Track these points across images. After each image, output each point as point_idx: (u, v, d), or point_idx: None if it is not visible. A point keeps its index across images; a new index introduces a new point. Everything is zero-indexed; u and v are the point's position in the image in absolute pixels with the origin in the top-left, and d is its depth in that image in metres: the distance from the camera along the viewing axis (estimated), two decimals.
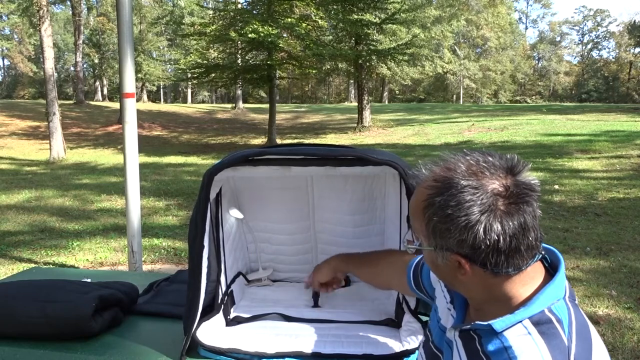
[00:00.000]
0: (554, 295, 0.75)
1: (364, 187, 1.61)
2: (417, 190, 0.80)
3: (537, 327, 0.72)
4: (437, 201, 0.73)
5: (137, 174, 3.41)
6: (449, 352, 0.85)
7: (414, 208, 0.79)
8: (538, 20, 73.25)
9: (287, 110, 30.76)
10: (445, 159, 0.78)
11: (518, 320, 0.73)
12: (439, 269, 0.80)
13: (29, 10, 27.42)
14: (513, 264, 0.73)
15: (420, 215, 0.77)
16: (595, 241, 4.83)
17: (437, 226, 0.73)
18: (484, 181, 0.71)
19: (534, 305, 0.73)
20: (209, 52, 19.84)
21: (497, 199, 0.70)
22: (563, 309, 0.74)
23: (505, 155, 0.75)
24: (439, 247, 0.75)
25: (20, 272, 1.94)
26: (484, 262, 0.73)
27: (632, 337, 2.92)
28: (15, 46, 49.79)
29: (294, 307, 1.49)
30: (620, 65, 55.85)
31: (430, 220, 0.74)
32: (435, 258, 0.78)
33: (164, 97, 54.41)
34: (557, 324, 0.72)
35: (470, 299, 0.84)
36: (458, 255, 0.74)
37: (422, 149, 13.22)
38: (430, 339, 0.95)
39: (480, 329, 0.77)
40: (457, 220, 0.71)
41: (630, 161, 9.12)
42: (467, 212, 0.70)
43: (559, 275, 0.76)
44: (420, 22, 27.70)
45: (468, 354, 0.79)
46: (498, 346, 0.73)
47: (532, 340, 0.71)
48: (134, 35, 5.42)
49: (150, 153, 14.82)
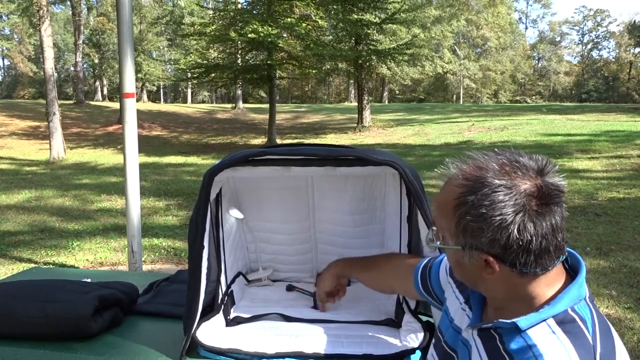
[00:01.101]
0: (577, 295, 0.75)
1: (364, 187, 1.61)
2: (445, 188, 0.79)
3: (561, 326, 0.72)
4: (470, 200, 0.73)
5: (137, 174, 3.41)
6: (466, 352, 0.85)
7: (442, 206, 0.78)
8: (538, 20, 73.21)
9: (287, 110, 30.76)
10: (474, 157, 0.77)
11: (543, 318, 0.73)
12: (464, 268, 0.79)
13: (29, 10, 27.45)
14: (541, 264, 0.73)
15: (450, 214, 0.76)
16: (595, 241, 4.83)
17: (470, 225, 0.73)
18: (516, 181, 0.71)
19: (558, 305, 0.73)
20: (209, 52, 19.84)
21: (530, 199, 0.70)
22: (585, 309, 0.74)
23: (534, 156, 0.75)
24: (468, 246, 0.75)
25: (20, 272, 1.94)
26: (514, 261, 0.73)
27: (632, 337, 2.92)
28: (15, 46, 49.80)
29: (294, 307, 1.49)
30: (620, 65, 55.85)
31: (462, 219, 0.74)
32: (462, 257, 0.77)
33: (164, 97, 54.41)
34: (581, 323, 0.72)
35: (491, 298, 0.83)
36: (488, 254, 0.73)
37: (422, 149, 13.21)
38: (442, 339, 0.94)
39: (502, 327, 0.77)
40: (492, 219, 0.70)
41: (630, 161, 9.12)
42: (501, 212, 0.70)
43: (581, 276, 0.77)
44: (420, 22, 27.70)
45: (489, 353, 0.78)
46: (521, 345, 0.73)
47: (557, 339, 0.71)
48: (134, 35, 5.42)
49: (150, 153, 14.82)
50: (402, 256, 1.33)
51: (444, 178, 0.80)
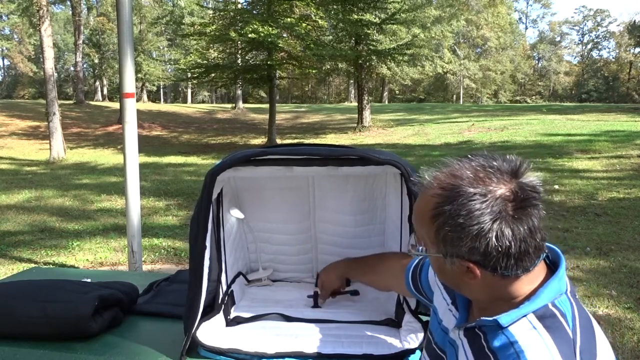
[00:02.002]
0: (556, 289, 0.75)
1: (365, 187, 1.61)
2: (421, 197, 0.78)
3: (541, 321, 0.73)
4: (446, 210, 0.73)
5: (137, 174, 3.41)
6: (453, 352, 0.85)
7: (420, 215, 0.79)
8: (538, 20, 73.27)
9: (287, 110, 30.76)
10: (448, 164, 0.77)
11: (523, 314, 0.74)
12: (446, 274, 0.80)
13: (29, 10, 27.45)
14: (522, 265, 0.74)
15: (428, 223, 0.76)
16: (595, 241, 4.83)
17: (448, 235, 0.73)
18: (491, 187, 0.71)
19: (538, 300, 0.74)
20: (209, 52, 19.85)
21: (506, 204, 0.71)
22: (566, 304, 0.75)
23: (507, 157, 0.75)
24: (449, 255, 0.75)
25: (20, 272, 1.94)
26: (495, 266, 0.73)
27: (632, 337, 2.92)
28: (15, 46, 49.81)
29: (294, 307, 1.49)
30: (620, 65, 55.85)
31: (440, 229, 0.74)
32: (443, 264, 0.78)
33: (164, 97, 54.40)
34: (561, 318, 0.73)
35: (475, 300, 0.84)
36: (468, 261, 0.74)
37: (422, 149, 13.22)
38: (433, 340, 0.95)
39: (485, 325, 0.78)
40: (469, 229, 0.71)
41: (630, 161, 9.12)
42: (478, 221, 0.70)
43: (560, 271, 0.77)
44: (420, 22, 27.69)
45: (474, 352, 0.79)
46: (504, 342, 0.74)
47: (538, 334, 0.71)
48: (134, 35, 5.42)
49: (150, 153, 14.82)
50: (397, 256, 1.35)
51: (420, 187, 0.79)
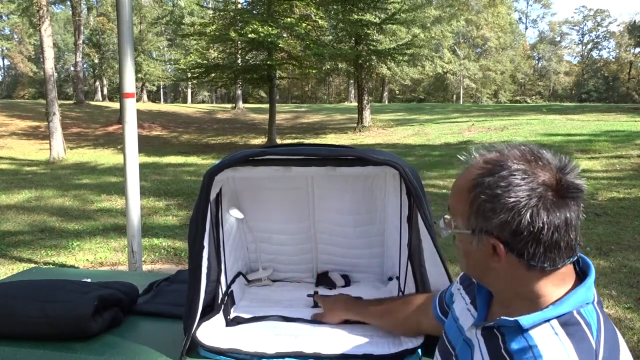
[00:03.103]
0: (583, 298, 0.73)
1: (364, 187, 1.61)
2: (464, 172, 0.79)
3: (564, 328, 0.71)
4: (486, 181, 0.72)
5: (137, 174, 3.41)
6: (468, 351, 0.84)
7: (458, 188, 0.78)
8: (538, 20, 73.21)
9: (287, 110, 30.76)
10: (497, 147, 0.78)
11: (546, 318, 0.72)
12: (472, 256, 0.78)
13: (29, 10, 27.45)
14: (550, 258, 0.72)
15: (465, 195, 0.76)
16: (595, 241, 4.83)
17: (483, 205, 0.72)
18: (536, 170, 0.71)
19: (563, 306, 0.72)
20: (209, 52, 19.85)
21: (547, 189, 0.70)
22: (592, 314, 0.73)
23: (558, 154, 0.76)
24: (478, 229, 0.74)
25: (20, 272, 1.94)
26: (522, 251, 0.71)
27: (632, 337, 2.92)
28: (15, 46, 49.80)
29: (294, 308, 1.49)
30: (620, 65, 55.84)
31: (475, 199, 0.73)
32: (471, 243, 0.76)
33: (164, 97, 54.40)
34: (585, 327, 0.71)
35: (497, 292, 0.82)
36: (497, 239, 0.72)
37: (422, 149, 13.21)
38: (446, 338, 0.94)
39: (505, 326, 0.76)
40: (506, 200, 0.70)
41: (630, 161, 9.12)
42: (517, 194, 0.70)
43: (589, 280, 0.75)
44: (420, 22, 27.69)
45: (490, 353, 0.77)
46: (523, 345, 0.72)
47: (559, 341, 0.70)
48: (134, 35, 5.42)
49: (150, 153, 14.82)
50: (421, 294, 1.29)
51: (465, 164, 0.80)
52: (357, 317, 1.33)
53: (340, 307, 1.37)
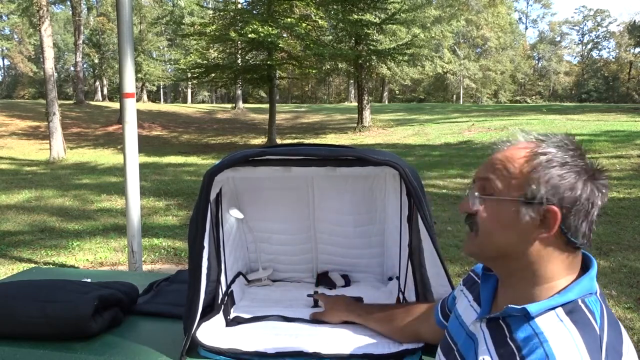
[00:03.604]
0: (587, 287, 0.76)
1: (364, 187, 1.61)
2: (512, 146, 0.79)
3: (570, 315, 0.73)
4: (551, 152, 0.74)
5: (137, 174, 3.41)
6: (470, 345, 0.84)
7: (506, 158, 0.78)
8: (538, 20, 73.23)
9: (287, 110, 30.76)
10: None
11: (552, 306, 0.74)
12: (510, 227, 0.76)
13: (29, 10, 27.46)
14: (587, 236, 0.75)
15: (519, 163, 0.76)
16: (595, 241, 4.83)
17: (549, 172, 0.73)
18: (584, 153, 0.76)
19: (568, 294, 0.74)
20: (209, 52, 19.85)
21: (596, 171, 0.75)
22: (596, 304, 0.75)
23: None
24: (539, 197, 0.73)
25: (20, 272, 1.94)
26: (573, 223, 0.74)
27: (632, 337, 2.92)
28: (15, 46, 49.80)
29: (294, 308, 1.49)
30: (620, 65, 55.83)
31: (540, 166, 0.74)
32: (517, 211, 0.75)
33: (164, 97, 54.40)
34: (589, 315, 0.73)
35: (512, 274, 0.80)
36: (557, 206, 0.73)
37: (422, 149, 13.21)
38: (449, 336, 0.95)
39: (511, 316, 0.77)
40: (573, 169, 0.73)
41: (630, 161, 9.13)
42: (581, 166, 0.74)
43: (592, 270, 0.78)
44: (420, 22, 27.69)
45: (495, 343, 0.77)
46: (529, 332, 0.73)
47: (565, 327, 0.71)
48: (134, 35, 5.42)
49: (150, 153, 14.82)
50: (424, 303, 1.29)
51: (501, 145, 0.81)
52: (357, 319, 1.33)
53: (341, 307, 1.37)
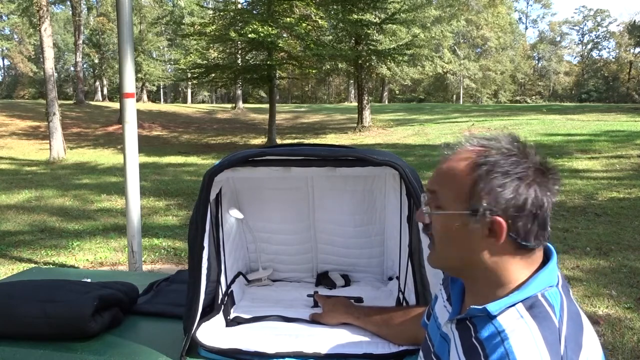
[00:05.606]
0: (546, 281, 0.75)
1: (364, 187, 1.61)
2: (452, 157, 0.79)
3: (529, 310, 0.73)
4: (490, 160, 0.74)
5: (137, 174, 3.41)
6: (445, 346, 0.85)
7: (449, 170, 0.78)
8: (538, 20, 72.96)
9: (287, 110, 30.76)
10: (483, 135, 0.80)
11: (512, 302, 0.74)
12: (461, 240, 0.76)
13: (29, 10, 27.46)
14: (539, 237, 0.74)
15: (462, 177, 0.75)
16: (595, 241, 4.83)
17: (490, 183, 0.73)
18: (526, 151, 0.75)
19: (526, 289, 0.74)
20: (209, 52, 19.86)
21: (540, 168, 0.74)
22: (556, 296, 0.75)
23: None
24: (482, 209, 0.73)
25: (20, 272, 1.94)
26: (521, 229, 0.73)
27: (632, 337, 2.92)
28: (15, 46, 49.76)
29: (294, 308, 1.49)
30: (620, 65, 55.81)
31: (481, 178, 0.73)
32: (466, 225, 0.75)
33: (164, 97, 54.38)
34: (548, 308, 0.73)
35: (473, 281, 0.81)
36: (501, 216, 0.73)
37: (422, 149, 13.21)
38: (428, 336, 0.96)
39: (476, 316, 0.77)
40: (514, 176, 0.72)
41: (630, 161, 9.13)
42: (522, 171, 0.73)
43: (551, 263, 0.77)
44: (420, 22, 27.64)
45: (463, 343, 0.79)
46: (491, 331, 0.74)
47: (525, 323, 0.72)
48: (134, 35, 5.42)
49: (150, 153, 14.81)
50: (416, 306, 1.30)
51: (447, 150, 0.80)
52: (356, 321, 1.32)
53: (340, 309, 1.37)
